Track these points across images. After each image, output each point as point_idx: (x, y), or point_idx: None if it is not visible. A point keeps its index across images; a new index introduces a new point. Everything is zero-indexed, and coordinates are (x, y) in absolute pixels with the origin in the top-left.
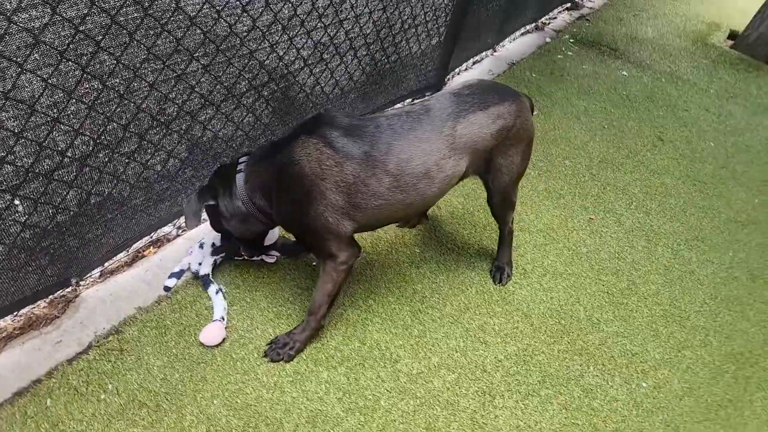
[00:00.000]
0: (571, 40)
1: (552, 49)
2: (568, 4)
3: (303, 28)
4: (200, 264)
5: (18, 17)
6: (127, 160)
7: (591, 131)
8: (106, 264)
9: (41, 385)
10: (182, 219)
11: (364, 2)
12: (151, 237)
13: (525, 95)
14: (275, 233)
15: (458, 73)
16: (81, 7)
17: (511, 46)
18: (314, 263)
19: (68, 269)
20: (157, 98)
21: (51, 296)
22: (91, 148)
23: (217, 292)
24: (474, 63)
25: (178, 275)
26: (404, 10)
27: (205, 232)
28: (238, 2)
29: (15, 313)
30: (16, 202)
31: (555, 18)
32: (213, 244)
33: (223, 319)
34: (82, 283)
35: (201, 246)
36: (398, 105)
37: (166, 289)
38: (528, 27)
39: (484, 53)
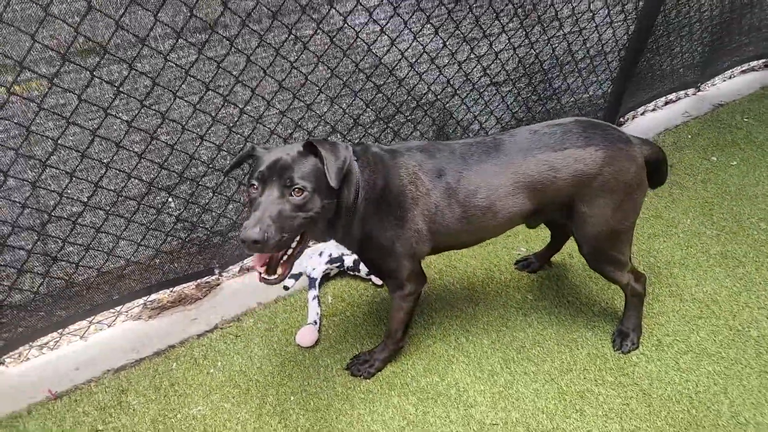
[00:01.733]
0: None
1: None
2: None
3: (433, 64)
4: (314, 269)
5: (170, 56)
6: None
7: None
8: (245, 261)
9: (173, 350)
10: None
11: (505, 38)
12: None
13: (644, 144)
14: None
15: (642, 114)
16: (219, 50)
17: (724, 84)
18: None
19: (212, 260)
20: (285, 125)
21: (199, 280)
22: (230, 162)
23: (313, 298)
24: (666, 103)
25: (296, 277)
26: (559, 45)
27: (327, 244)
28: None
29: (171, 289)
30: (170, 199)
31: None
32: (330, 255)
33: (316, 323)
34: (224, 274)
35: (320, 254)
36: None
37: (285, 288)
38: (754, 63)
39: (683, 92)
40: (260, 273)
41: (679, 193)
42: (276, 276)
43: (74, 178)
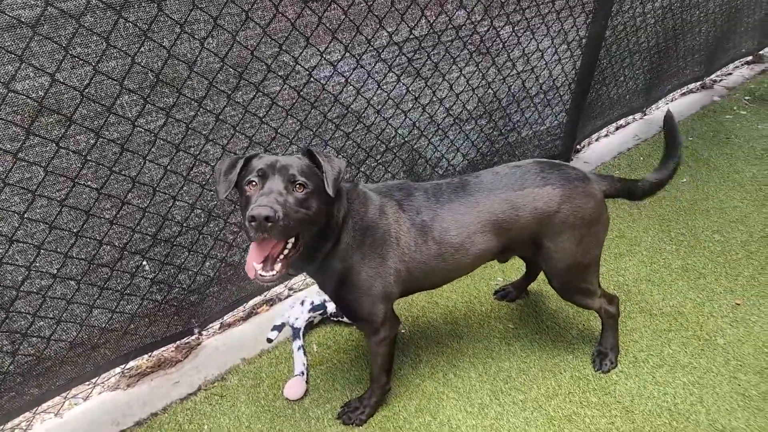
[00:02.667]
0: (747, 98)
1: (719, 108)
2: (749, 58)
3: (398, 109)
4: (297, 319)
5: (138, 121)
6: (237, 230)
7: (756, 201)
8: (225, 317)
9: (156, 418)
10: (292, 280)
11: (464, 80)
12: (264, 296)
13: (603, 180)
14: None
15: (596, 140)
16: (187, 111)
17: (667, 107)
18: (403, 330)
19: (191, 320)
20: None
21: (178, 342)
22: (204, 220)
23: (299, 348)
24: (617, 128)
25: (279, 328)
26: (514, 83)
27: (308, 292)
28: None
29: (150, 354)
30: (144, 262)
31: (730, 74)
32: (312, 303)
33: (303, 374)
34: (204, 333)
35: (302, 303)
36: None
37: (269, 340)
38: (692, 86)
39: (631, 117)
40: (257, 270)
41: (638, 213)
42: (274, 272)
43: (43, 251)
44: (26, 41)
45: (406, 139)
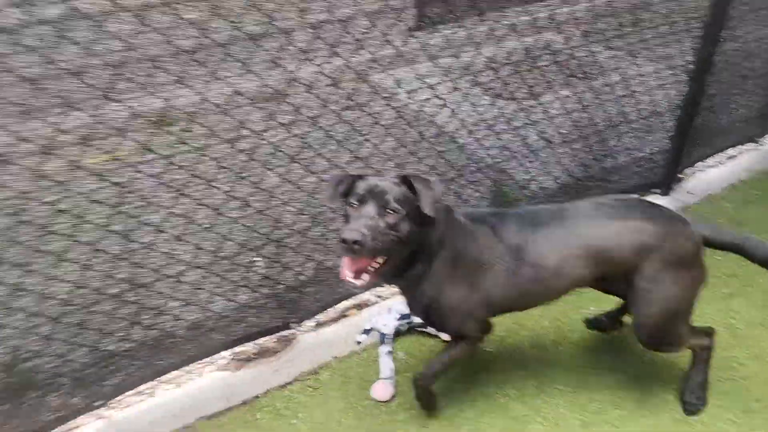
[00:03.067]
0: None
1: None
2: None
3: (490, 130)
4: (384, 325)
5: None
6: (335, 236)
7: None
8: (319, 316)
9: (258, 400)
10: (379, 289)
11: (559, 104)
12: (355, 300)
13: (700, 225)
14: None
15: (702, 170)
16: (304, 128)
17: None
18: (489, 349)
19: (290, 315)
20: None
21: (278, 334)
22: (309, 225)
23: (387, 354)
24: (728, 158)
25: (367, 332)
26: (612, 108)
27: (395, 300)
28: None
29: (255, 342)
30: (257, 259)
31: None
32: (399, 312)
33: (391, 378)
34: (300, 328)
35: (389, 311)
36: None
37: (357, 343)
38: None
39: (743, 146)
40: (348, 277)
41: None
42: (362, 281)
43: (180, 242)
44: (184, 66)
45: (496, 159)
